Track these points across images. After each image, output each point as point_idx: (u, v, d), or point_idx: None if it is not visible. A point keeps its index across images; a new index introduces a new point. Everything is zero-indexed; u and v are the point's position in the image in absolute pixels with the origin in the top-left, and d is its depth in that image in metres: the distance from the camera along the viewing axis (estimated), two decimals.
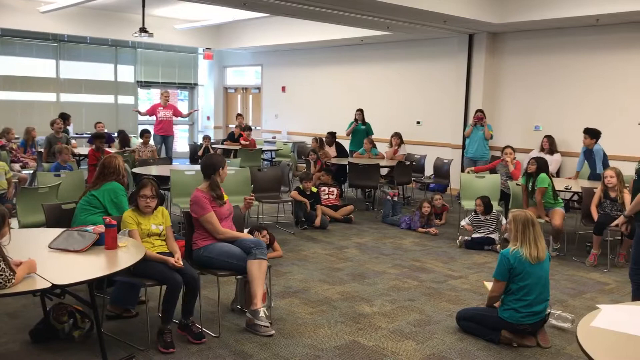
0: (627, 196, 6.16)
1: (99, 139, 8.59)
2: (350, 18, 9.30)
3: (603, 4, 8.24)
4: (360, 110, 10.91)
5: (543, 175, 6.52)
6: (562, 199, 6.83)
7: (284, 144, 13.27)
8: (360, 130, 10.80)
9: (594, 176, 7.63)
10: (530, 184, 6.64)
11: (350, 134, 10.88)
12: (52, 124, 9.95)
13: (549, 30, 9.85)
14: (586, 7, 8.42)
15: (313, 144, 10.01)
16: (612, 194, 6.28)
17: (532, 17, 9.07)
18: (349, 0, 8.00)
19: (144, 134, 9.95)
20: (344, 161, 9.77)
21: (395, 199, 8.34)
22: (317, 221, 7.65)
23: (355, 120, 10.78)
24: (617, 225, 5.84)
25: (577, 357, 3.90)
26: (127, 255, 3.51)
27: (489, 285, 4.76)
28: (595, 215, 6.31)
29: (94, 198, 4.44)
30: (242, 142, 11.43)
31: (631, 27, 8.92)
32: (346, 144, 11.18)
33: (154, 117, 12.16)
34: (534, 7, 9.00)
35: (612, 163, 7.55)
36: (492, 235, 6.92)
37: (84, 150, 10.02)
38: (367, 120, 10.93)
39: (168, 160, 9.69)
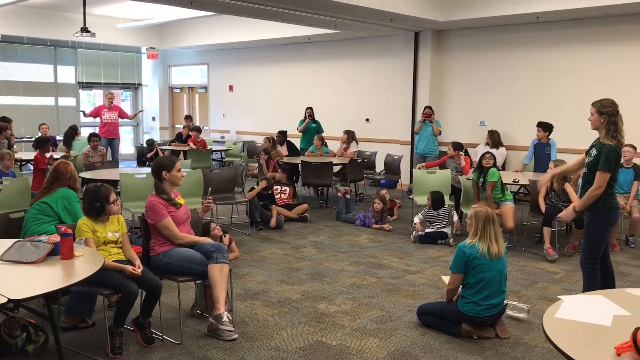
0: (568, 187, 6.40)
1: (46, 142, 8.23)
2: (298, 16, 9.29)
3: (543, 2, 8.53)
4: (310, 109, 10.94)
5: (493, 169, 6.70)
6: (511, 192, 7.03)
7: (234, 144, 13.15)
8: (311, 128, 10.84)
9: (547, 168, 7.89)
10: (481, 178, 6.80)
11: (303, 131, 10.89)
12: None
13: (491, 28, 10.12)
14: (527, 4, 8.70)
15: (265, 144, 9.95)
16: (555, 185, 6.51)
17: (475, 14, 9.30)
18: None
19: (92, 137, 9.63)
20: (296, 160, 9.76)
21: (348, 196, 8.39)
22: (273, 221, 7.61)
23: (309, 116, 10.80)
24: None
25: (534, 346, 4.03)
26: (84, 265, 3.39)
27: (446, 279, 4.86)
28: (542, 207, 6.53)
29: (47, 206, 4.27)
30: (191, 144, 11.25)
31: (570, 24, 9.27)
32: (296, 141, 11.18)
33: (98, 119, 11.82)
34: (477, 5, 9.23)
35: (558, 156, 7.85)
36: (445, 230, 7.06)
37: (25, 155, 9.63)
38: (316, 118, 10.98)
39: (115, 163, 9.44)
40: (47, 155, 7.93)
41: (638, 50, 8.69)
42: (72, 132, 10.28)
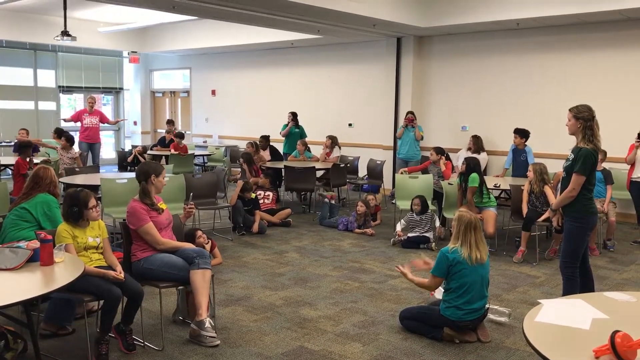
0: (547, 189, 6.49)
1: (27, 147, 8.11)
2: (281, 21, 9.30)
3: (522, 9, 8.64)
4: (293, 113, 10.95)
5: (474, 175, 6.76)
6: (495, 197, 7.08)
7: (216, 149, 13.09)
8: (294, 133, 10.84)
9: (525, 174, 7.98)
10: (463, 183, 6.86)
11: (286, 135, 10.89)
12: None
13: (473, 34, 10.22)
14: (507, 11, 8.80)
15: (248, 148, 9.93)
16: (535, 187, 6.59)
17: (457, 21, 9.39)
18: (279, 3, 8.00)
19: (62, 135, 9.29)
20: (280, 164, 9.75)
21: (333, 201, 8.41)
22: (255, 227, 7.60)
23: (292, 121, 10.81)
24: (544, 220, 6.17)
25: (515, 350, 4.06)
26: (65, 271, 3.35)
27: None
28: (525, 211, 6.59)
29: (26, 211, 4.22)
30: (172, 150, 11.19)
31: (549, 30, 9.40)
32: (279, 146, 11.18)
33: (79, 124, 11.71)
34: (459, 11, 9.32)
35: (537, 161, 7.92)
36: (427, 234, 7.10)
37: (4, 160, 9.50)
38: (299, 123, 10.99)
39: (95, 168, 9.34)
40: (27, 160, 7.82)
41: (614, 57, 8.84)
42: (63, 133, 10.07)
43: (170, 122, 12.97)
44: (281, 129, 11.05)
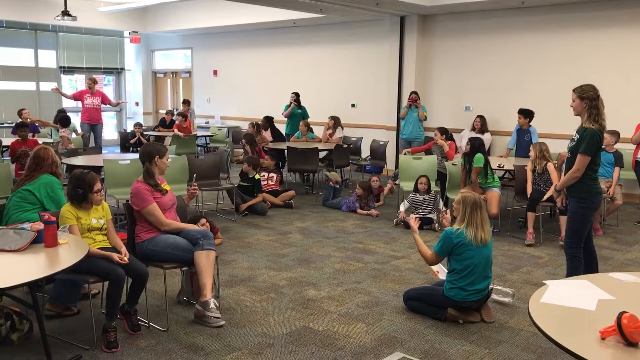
0: (550, 166, 6.46)
1: (21, 128, 8.06)
2: (283, 0, 9.20)
3: None
4: (296, 94, 10.88)
5: (479, 155, 6.72)
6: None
7: (219, 129, 13.06)
8: (297, 114, 10.79)
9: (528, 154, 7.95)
10: (468, 164, 6.83)
11: (288, 116, 10.84)
12: None
13: (477, 13, 10.11)
14: None
15: (250, 129, 9.89)
16: (537, 166, 6.57)
17: None
18: None
19: (62, 120, 9.25)
20: (282, 145, 9.72)
21: (338, 186, 8.39)
22: (243, 205, 7.59)
23: (294, 101, 10.75)
24: (548, 200, 6.16)
25: (519, 330, 4.07)
26: (69, 252, 3.35)
27: (434, 266, 4.90)
28: (529, 191, 6.57)
29: (29, 193, 4.20)
30: (176, 130, 11.16)
31: (555, 9, 9.28)
32: (282, 127, 11.14)
33: (79, 104, 11.65)
34: None
35: (541, 141, 7.88)
36: (431, 215, 7.09)
37: (6, 141, 9.48)
38: (302, 103, 10.92)
39: (98, 149, 9.33)
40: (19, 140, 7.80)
41: (620, 35, 8.74)
42: (67, 115, 10.02)
43: (186, 102, 12.92)
44: (283, 110, 10.99)
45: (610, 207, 7.07)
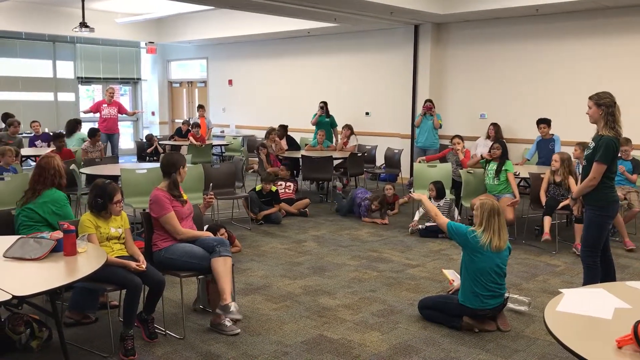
0: (571, 180, 6.41)
1: (59, 138, 8.19)
2: (297, 10, 9.28)
3: None
4: (324, 103, 10.87)
5: (509, 161, 6.87)
6: None
7: (234, 138, 13.14)
8: (324, 122, 10.77)
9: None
10: (493, 169, 6.87)
11: (315, 124, 10.81)
12: (9, 126, 9.53)
13: (491, 20, 10.10)
14: None
15: (271, 136, 9.88)
16: (557, 178, 6.52)
17: (476, 7, 9.29)
18: None
19: (95, 133, 9.51)
20: (297, 154, 9.76)
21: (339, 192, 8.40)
22: (260, 214, 7.63)
23: (321, 109, 10.73)
24: (564, 208, 6.13)
25: (535, 339, 4.05)
26: (88, 261, 3.41)
27: (448, 273, 4.90)
28: (543, 199, 6.53)
29: (33, 212, 4.18)
30: (191, 138, 11.24)
31: (569, 16, 9.25)
32: (297, 136, 11.17)
33: (97, 115, 11.81)
34: None
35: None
36: None
37: (24, 151, 9.62)
38: (322, 112, 10.88)
39: (115, 158, 9.42)
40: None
41: (635, 42, 8.68)
42: (74, 124, 10.19)
43: (201, 107, 13.00)
44: (312, 118, 10.97)
45: (628, 215, 7.01)
